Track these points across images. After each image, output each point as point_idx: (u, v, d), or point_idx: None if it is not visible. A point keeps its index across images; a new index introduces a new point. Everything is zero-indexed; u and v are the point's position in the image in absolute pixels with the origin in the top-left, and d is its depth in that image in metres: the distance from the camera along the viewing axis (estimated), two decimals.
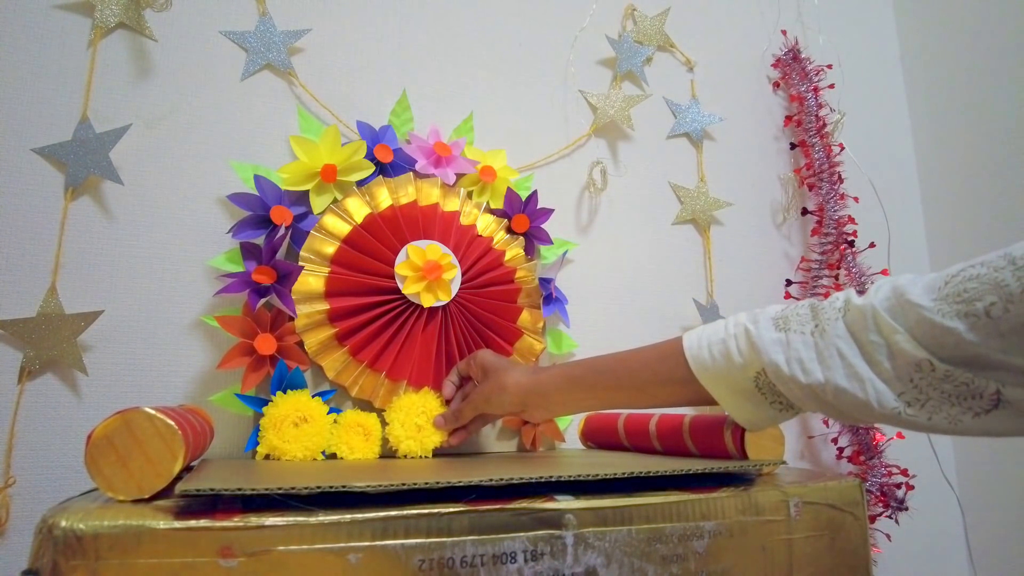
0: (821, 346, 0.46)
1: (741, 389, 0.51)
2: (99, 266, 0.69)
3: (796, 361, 0.47)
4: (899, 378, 0.44)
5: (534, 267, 0.85)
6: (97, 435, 0.40)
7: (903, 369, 0.43)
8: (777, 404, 0.51)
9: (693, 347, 0.53)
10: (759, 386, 0.50)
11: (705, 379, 0.52)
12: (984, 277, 0.41)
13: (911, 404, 0.43)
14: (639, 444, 0.71)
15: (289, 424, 0.66)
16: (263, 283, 0.68)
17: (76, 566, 0.34)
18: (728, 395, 0.52)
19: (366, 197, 0.77)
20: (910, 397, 0.43)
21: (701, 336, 0.53)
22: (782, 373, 0.47)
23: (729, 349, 0.51)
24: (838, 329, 0.46)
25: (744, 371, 0.50)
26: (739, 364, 0.50)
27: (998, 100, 1.10)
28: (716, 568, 0.46)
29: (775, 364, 0.48)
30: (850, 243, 1.03)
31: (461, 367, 0.73)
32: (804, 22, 1.19)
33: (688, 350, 0.53)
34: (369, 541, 0.38)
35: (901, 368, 0.43)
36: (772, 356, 0.48)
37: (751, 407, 0.52)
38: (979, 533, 1.07)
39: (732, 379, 0.51)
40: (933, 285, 0.43)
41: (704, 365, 0.52)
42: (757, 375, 0.49)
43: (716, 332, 0.53)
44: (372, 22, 0.87)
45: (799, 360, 0.47)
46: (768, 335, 0.49)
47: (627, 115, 0.98)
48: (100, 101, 0.71)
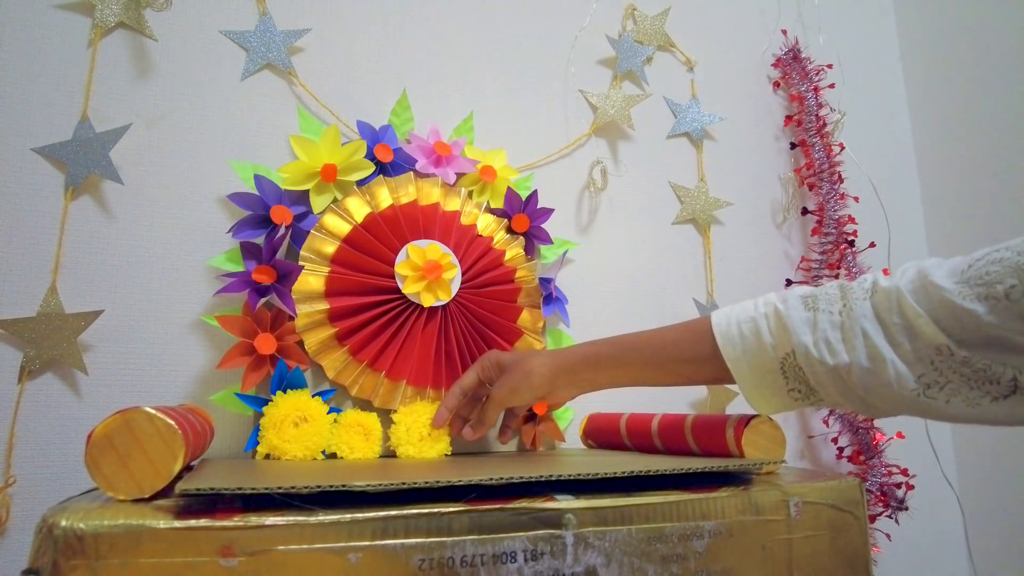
0: (847, 326, 0.46)
1: (765, 370, 0.50)
2: (99, 266, 0.69)
3: (824, 342, 0.47)
4: (919, 360, 0.44)
5: (534, 267, 0.85)
6: (97, 435, 0.40)
7: (924, 351, 0.43)
8: (795, 392, 0.50)
9: (722, 324, 0.53)
10: (784, 369, 0.50)
11: (730, 357, 0.52)
12: (1007, 261, 0.41)
13: (930, 386, 0.44)
14: (641, 444, 0.71)
15: (289, 424, 0.66)
16: (263, 283, 0.68)
17: (76, 565, 0.34)
18: (748, 375, 0.51)
19: (366, 197, 0.77)
20: (929, 379, 0.44)
21: (730, 314, 0.53)
22: (811, 355, 0.47)
23: (759, 328, 0.50)
24: (864, 309, 0.46)
25: (773, 351, 0.50)
26: (768, 344, 0.50)
27: (998, 100, 1.10)
28: (716, 568, 0.46)
29: (804, 345, 0.48)
30: (850, 243, 1.02)
31: (466, 382, 0.69)
32: (804, 22, 1.19)
33: (716, 327, 0.53)
34: (369, 540, 0.38)
35: (922, 350, 0.43)
36: (801, 337, 0.48)
37: (768, 391, 0.51)
38: (979, 533, 1.07)
39: (757, 359, 0.50)
40: (957, 268, 0.43)
41: (732, 342, 0.52)
42: (785, 357, 0.49)
43: (745, 311, 0.52)
44: (372, 22, 0.87)
45: (826, 341, 0.47)
46: (797, 315, 0.49)
47: (627, 115, 0.98)
48: (100, 100, 0.71)
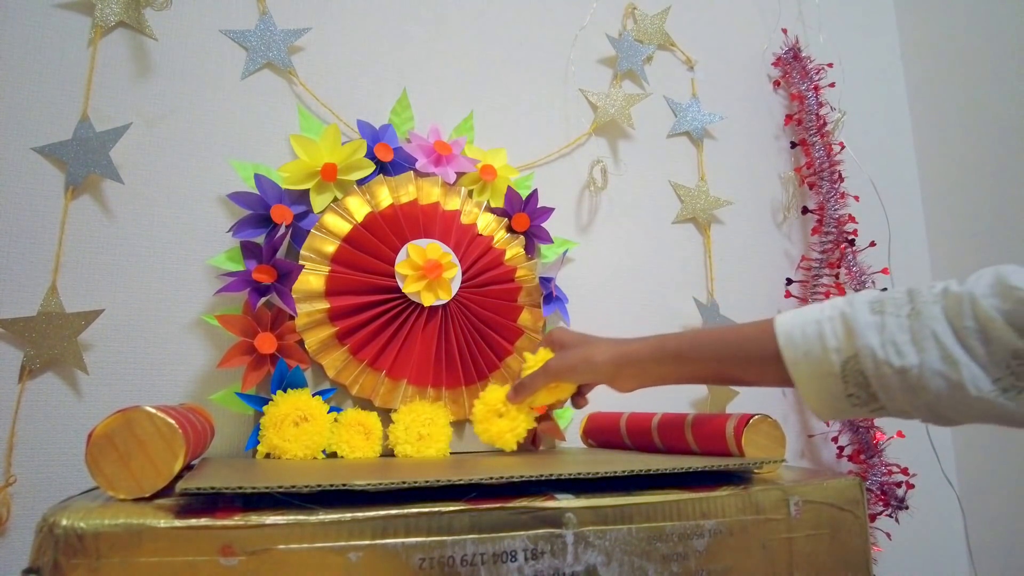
0: (916, 328, 0.46)
1: (824, 373, 0.50)
2: (99, 265, 0.69)
3: (891, 344, 0.46)
4: (995, 363, 0.43)
5: (534, 266, 0.85)
6: (98, 434, 0.40)
7: (999, 355, 0.43)
8: (854, 398, 0.49)
9: (786, 324, 0.53)
10: (845, 373, 0.49)
11: (790, 358, 0.51)
12: None
13: (1008, 390, 0.43)
14: (641, 443, 0.71)
15: (289, 423, 0.66)
16: (263, 282, 0.68)
17: (77, 565, 0.34)
18: (808, 378, 0.51)
19: (366, 196, 0.77)
20: (1007, 383, 0.43)
21: (795, 316, 0.53)
22: (877, 356, 0.47)
23: (823, 331, 0.50)
24: (934, 312, 0.45)
25: (837, 354, 0.49)
26: (832, 347, 0.49)
27: (999, 99, 1.10)
28: (716, 567, 0.46)
29: (870, 347, 0.47)
30: (850, 242, 1.02)
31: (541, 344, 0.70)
32: (805, 21, 1.18)
33: (779, 327, 0.53)
34: (369, 540, 0.38)
35: (997, 353, 0.43)
36: (867, 340, 0.47)
37: (827, 395, 0.50)
38: (979, 532, 1.07)
39: (819, 361, 0.50)
40: None
41: (794, 343, 0.51)
42: (847, 360, 0.48)
43: (811, 313, 0.52)
44: (372, 21, 0.87)
45: (894, 343, 0.46)
46: (864, 318, 0.48)
47: (627, 114, 0.98)
48: (100, 100, 0.71)
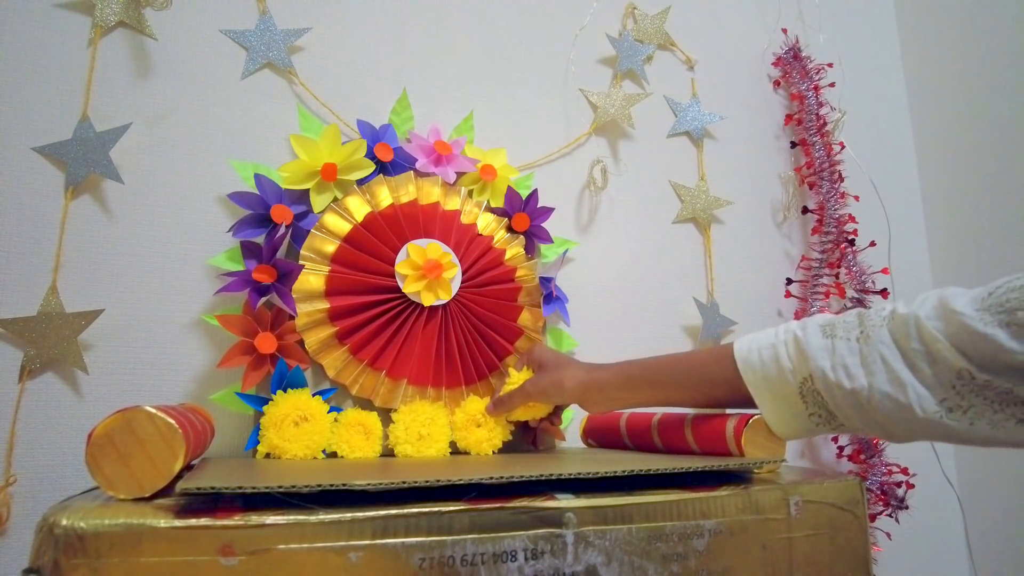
0: (865, 352, 0.48)
1: (784, 395, 0.52)
2: (99, 265, 0.69)
3: (841, 367, 0.48)
4: (941, 384, 0.44)
5: (534, 266, 0.85)
6: (98, 434, 0.40)
7: (944, 375, 0.44)
8: (815, 416, 0.51)
9: (743, 350, 0.55)
10: (803, 393, 0.51)
11: (750, 381, 0.54)
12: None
13: (953, 410, 0.44)
14: (641, 443, 0.71)
15: (290, 423, 0.66)
16: (263, 282, 0.68)
17: (77, 565, 0.34)
18: (769, 399, 0.53)
19: (366, 196, 0.77)
20: (952, 403, 0.44)
21: (752, 340, 0.55)
22: (828, 379, 0.49)
23: (778, 354, 0.52)
24: (882, 336, 0.47)
25: (792, 375, 0.51)
26: (788, 368, 0.51)
27: (999, 99, 1.10)
28: (716, 567, 0.46)
29: (821, 370, 0.49)
30: (850, 242, 1.02)
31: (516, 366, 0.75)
32: (805, 20, 1.18)
33: (738, 352, 0.55)
34: (369, 539, 0.38)
35: (943, 374, 0.44)
36: (819, 362, 0.49)
37: (788, 415, 0.53)
38: (979, 532, 1.07)
39: (777, 384, 0.52)
40: (977, 296, 0.44)
41: (752, 367, 0.54)
42: (803, 381, 0.51)
43: (766, 337, 0.54)
44: (372, 21, 0.87)
45: (844, 366, 0.48)
46: (816, 341, 0.50)
47: (627, 114, 0.98)
48: (100, 100, 0.71)
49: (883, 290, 1.00)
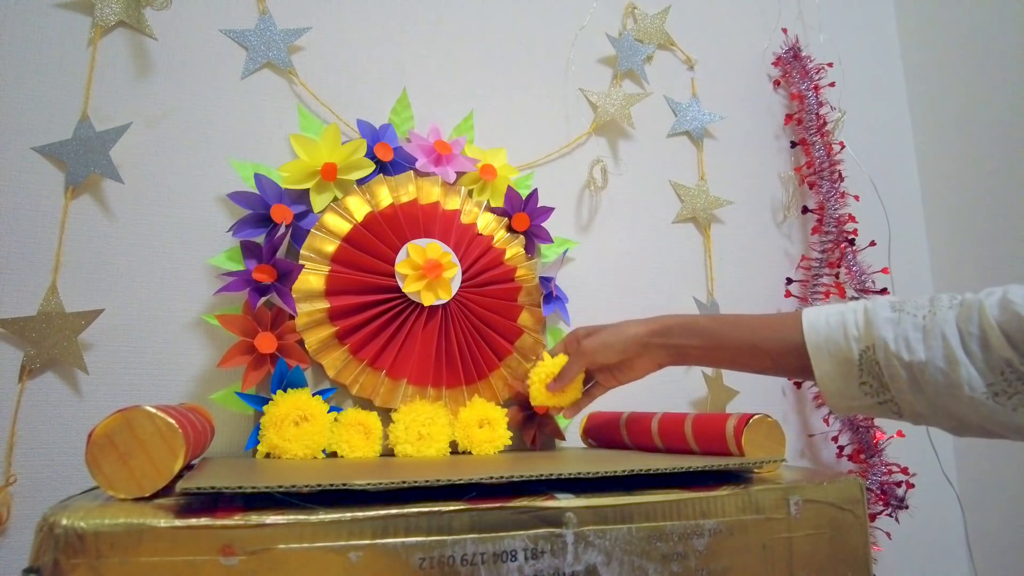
0: (929, 328, 0.49)
1: (843, 359, 0.53)
2: (99, 264, 0.69)
3: (903, 339, 0.50)
4: (991, 369, 0.47)
5: (534, 265, 0.85)
6: (98, 434, 0.40)
7: (995, 361, 0.46)
8: (866, 386, 0.53)
9: (811, 314, 0.57)
10: (861, 362, 0.52)
11: (812, 343, 0.55)
12: None
13: (999, 394, 0.46)
14: (641, 442, 0.71)
15: (290, 423, 0.66)
16: (263, 282, 0.68)
17: (77, 564, 0.34)
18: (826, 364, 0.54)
19: (366, 195, 0.77)
20: (998, 388, 0.46)
21: (821, 308, 0.57)
22: (889, 349, 0.50)
23: (846, 320, 0.54)
24: (948, 317, 0.49)
25: (856, 342, 0.53)
26: (853, 336, 0.53)
27: (999, 98, 1.10)
28: (716, 566, 0.46)
29: (884, 340, 0.51)
30: (850, 241, 1.02)
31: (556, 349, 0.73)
32: (805, 20, 1.18)
33: (806, 316, 0.57)
34: (370, 539, 0.38)
35: (993, 360, 0.46)
36: (883, 332, 0.51)
37: (842, 381, 0.54)
38: (979, 532, 1.07)
39: (838, 347, 0.54)
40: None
41: (816, 330, 0.55)
42: (865, 350, 0.52)
43: (836, 306, 0.56)
44: (372, 21, 0.87)
45: (905, 339, 0.50)
46: (884, 313, 0.52)
47: (627, 113, 0.98)
48: (100, 99, 0.71)
49: (883, 289, 1.00)
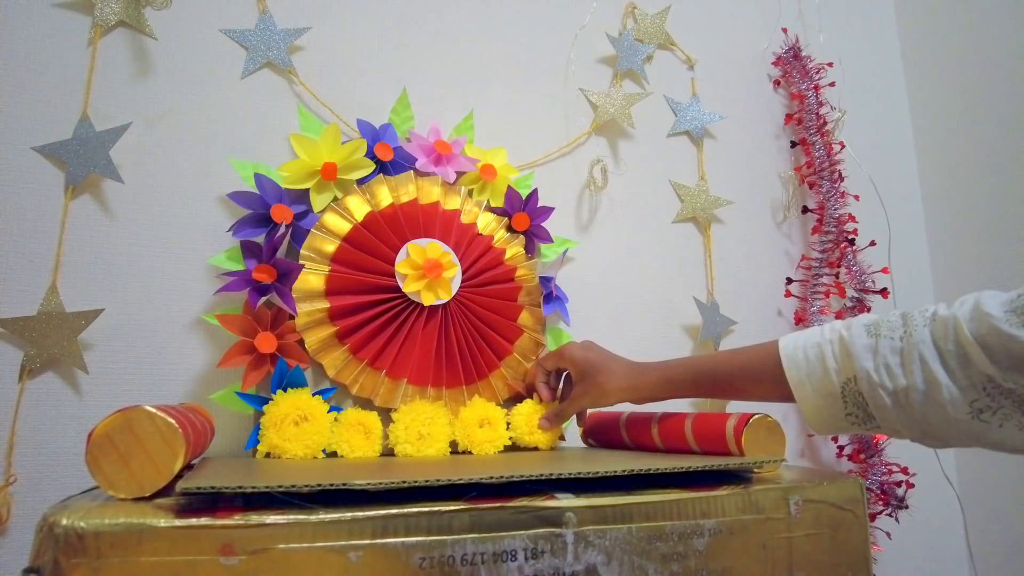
0: (906, 351, 0.49)
1: (826, 393, 0.53)
2: (99, 264, 0.69)
3: (884, 367, 0.50)
4: (972, 386, 0.46)
5: (534, 265, 0.85)
6: (98, 433, 0.40)
7: (976, 378, 0.46)
8: (852, 416, 0.53)
9: (788, 347, 0.56)
10: (844, 394, 0.52)
11: (793, 379, 0.55)
12: None
13: (983, 411, 0.46)
14: (641, 442, 0.71)
15: (290, 422, 0.66)
16: (263, 281, 0.68)
17: (77, 564, 0.34)
18: (810, 398, 0.54)
19: (366, 195, 0.77)
20: (982, 404, 0.46)
21: (797, 339, 0.57)
22: (871, 379, 0.50)
23: (824, 353, 0.53)
24: (923, 336, 0.49)
25: (837, 375, 0.52)
26: (833, 368, 0.53)
27: (999, 98, 1.10)
28: (716, 566, 0.46)
29: (866, 371, 0.50)
30: (851, 241, 1.02)
31: (548, 364, 0.77)
32: (805, 20, 1.18)
33: (783, 350, 0.56)
34: (370, 539, 0.38)
35: (974, 376, 0.46)
36: (864, 363, 0.51)
37: (827, 414, 0.54)
38: (979, 532, 1.07)
39: (821, 382, 0.53)
40: (1008, 298, 0.46)
41: (796, 366, 0.55)
42: (847, 382, 0.52)
43: (812, 336, 0.56)
44: (372, 20, 0.87)
45: (887, 366, 0.49)
46: (861, 341, 0.51)
47: (627, 113, 0.98)
48: (100, 99, 0.71)
49: (883, 289, 1.00)
